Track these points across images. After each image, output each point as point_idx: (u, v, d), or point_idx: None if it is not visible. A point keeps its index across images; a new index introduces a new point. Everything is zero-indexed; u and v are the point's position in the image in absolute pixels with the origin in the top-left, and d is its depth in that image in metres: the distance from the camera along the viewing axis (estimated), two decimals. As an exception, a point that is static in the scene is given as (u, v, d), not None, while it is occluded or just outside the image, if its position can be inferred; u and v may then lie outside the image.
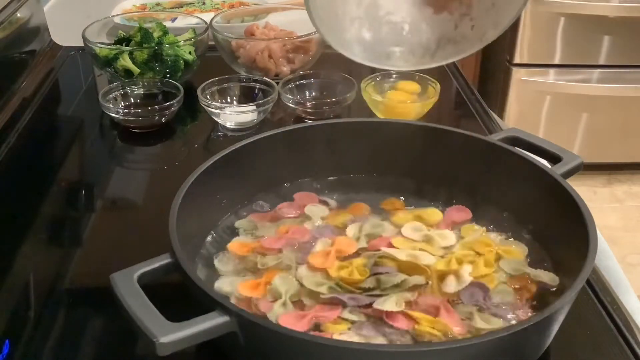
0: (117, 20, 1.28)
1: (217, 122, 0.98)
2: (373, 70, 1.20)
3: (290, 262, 0.65)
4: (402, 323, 0.57)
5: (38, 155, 0.95)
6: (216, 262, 0.66)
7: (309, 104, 0.99)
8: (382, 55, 0.57)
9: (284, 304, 0.59)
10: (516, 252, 0.67)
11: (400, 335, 0.57)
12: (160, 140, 0.98)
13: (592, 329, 0.62)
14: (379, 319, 0.58)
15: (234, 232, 0.71)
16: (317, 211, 0.73)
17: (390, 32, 0.55)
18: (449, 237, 0.69)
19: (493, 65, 2.52)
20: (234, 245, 0.68)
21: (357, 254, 0.66)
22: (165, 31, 1.09)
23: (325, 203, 0.75)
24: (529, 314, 0.59)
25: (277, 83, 1.00)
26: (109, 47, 1.08)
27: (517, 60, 2.33)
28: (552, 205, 0.66)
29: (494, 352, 0.51)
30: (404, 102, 0.96)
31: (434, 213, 0.73)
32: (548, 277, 0.62)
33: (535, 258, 0.66)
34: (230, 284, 0.63)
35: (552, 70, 2.34)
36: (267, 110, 0.98)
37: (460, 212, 0.73)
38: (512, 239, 0.68)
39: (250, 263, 0.66)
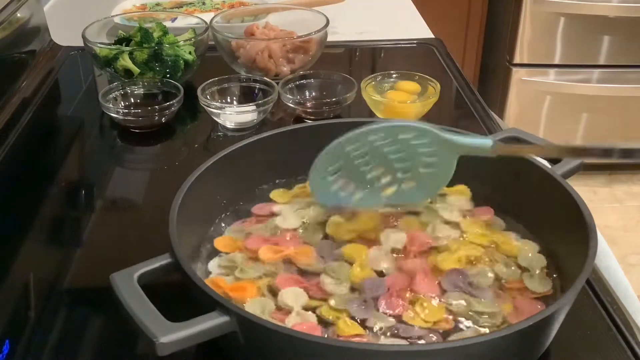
0: (117, 20, 1.27)
1: (217, 122, 0.98)
2: (373, 70, 1.20)
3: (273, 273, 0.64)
4: (392, 307, 0.59)
5: (38, 155, 0.95)
6: (210, 265, 0.66)
7: (309, 104, 0.99)
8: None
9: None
10: (519, 248, 0.67)
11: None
12: (160, 140, 0.98)
13: (592, 329, 0.62)
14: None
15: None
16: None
17: None
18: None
19: (493, 65, 2.53)
20: (220, 242, 0.68)
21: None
22: (165, 31, 1.09)
23: None
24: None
25: (277, 83, 1.00)
26: (109, 47, 1.08)
27: (517, 60, 2.33)
28: (552, 205, 0.66)
29: (494, 352, 0.51)
30: (404, 102, 0.96)
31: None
32: (542, 289, 0.62)
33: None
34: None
35: (552, 70, 2.34)
36: (267, 110, 0.98)
37: (485, 212, 0.73)
38: (526, 240, 0.68)
39: (234, 264, 0.65)
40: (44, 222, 0.81)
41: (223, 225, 0.71)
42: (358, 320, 0.58)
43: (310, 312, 0.59)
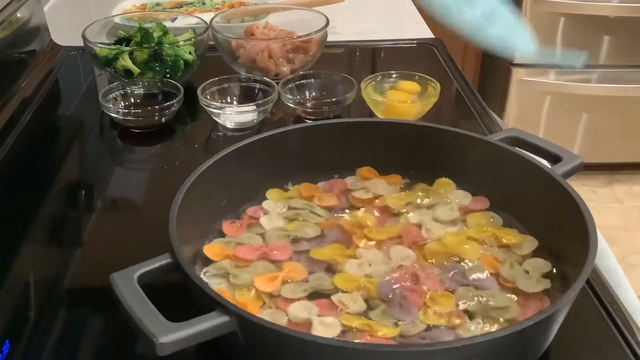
0: (117, 20, 1.28)
1: (217, 122, 0.98)
2: (373, 70, 1.20)
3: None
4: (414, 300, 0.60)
5: (38, 155, 0.95)
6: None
7: (309, 104, 0.99)
8: None
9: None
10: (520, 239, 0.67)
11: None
12: (160, 140, 0.98)
13: (592, 329, 0.62)
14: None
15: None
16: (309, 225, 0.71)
17: None
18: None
19: (493, 65, 2.52)
20: (210, 249, 0.66)
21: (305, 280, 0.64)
22: (165, 31, 1.09)
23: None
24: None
25: (277, 83, 1.00)
26: (109, 47, 1.08)
27: (517, 60, 2.33)
28: (552, 205, 0.66)
29: (494, 352, 0.51)
30: (404, 102, 0.96)
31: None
32: (534, 289, 0.61)
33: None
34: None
35: (552, 71, 2.34)
36: (267, 110, 0.98)
37: (478, 203, 0.73)
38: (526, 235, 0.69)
39: (225, 271, 0.64)
40: (44, 222, 0.81)
41: (218, 226, 0.70)
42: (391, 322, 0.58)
43: (330, 319, 0.58)
